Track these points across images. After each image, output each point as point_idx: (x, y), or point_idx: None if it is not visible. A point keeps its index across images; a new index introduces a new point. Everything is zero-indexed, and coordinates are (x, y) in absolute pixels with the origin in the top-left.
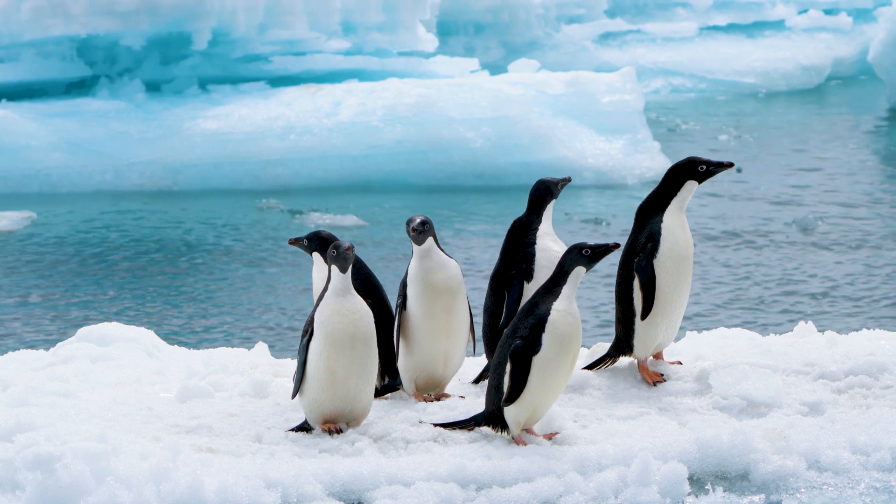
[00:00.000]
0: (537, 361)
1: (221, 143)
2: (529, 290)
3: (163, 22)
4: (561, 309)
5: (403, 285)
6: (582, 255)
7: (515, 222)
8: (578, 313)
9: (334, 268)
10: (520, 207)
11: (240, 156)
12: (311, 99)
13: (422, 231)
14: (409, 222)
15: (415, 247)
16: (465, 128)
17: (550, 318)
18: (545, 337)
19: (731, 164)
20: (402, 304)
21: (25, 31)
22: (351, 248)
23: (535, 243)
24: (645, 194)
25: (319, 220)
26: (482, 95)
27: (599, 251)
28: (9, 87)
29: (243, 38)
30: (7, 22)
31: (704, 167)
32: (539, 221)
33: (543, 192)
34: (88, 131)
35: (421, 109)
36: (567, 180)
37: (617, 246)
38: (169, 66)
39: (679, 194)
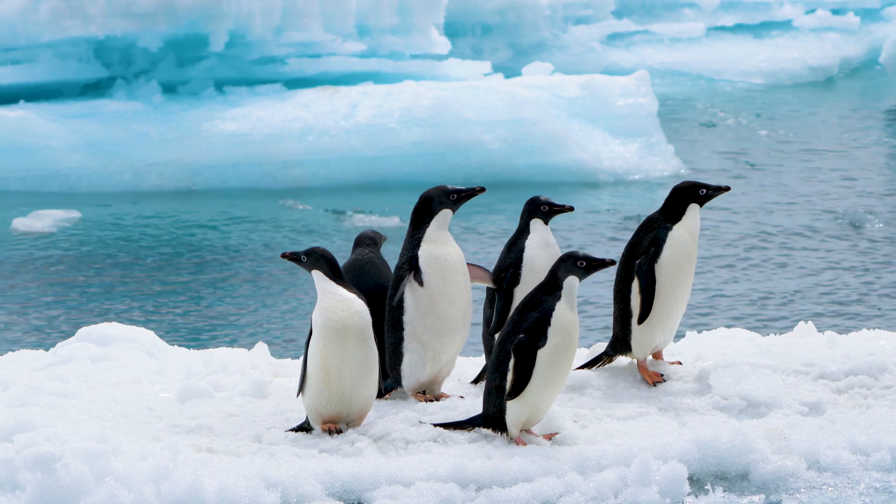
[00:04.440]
0: (542, 355)
1: (240, 145)
2: (517, 293)
3: (180, 23)
4: (565, 306)
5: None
6: (577, 266)
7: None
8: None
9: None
10: None
11: (258, 157)
12: (328, 101)
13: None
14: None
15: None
16: (481, 130)
17: (556, 313)
18: (551, 330)
19: (727, 188)
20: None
21: (43, 33)
22: (313, 252)
23: (524, 249)
24: (661, 194)
25: (362, 223)
26: (498, 98)
27: (595, 265)
28: (26, 88)
29: (259, 40)
30: (25, 23)
31: (705, 191)
32: (529, 230)
33: (529, 207)
34: (107, 132)
35: (437, 112)
36: (564, 209)
37: (613, 263)
38: (185, 67)
39: (686, 217)
